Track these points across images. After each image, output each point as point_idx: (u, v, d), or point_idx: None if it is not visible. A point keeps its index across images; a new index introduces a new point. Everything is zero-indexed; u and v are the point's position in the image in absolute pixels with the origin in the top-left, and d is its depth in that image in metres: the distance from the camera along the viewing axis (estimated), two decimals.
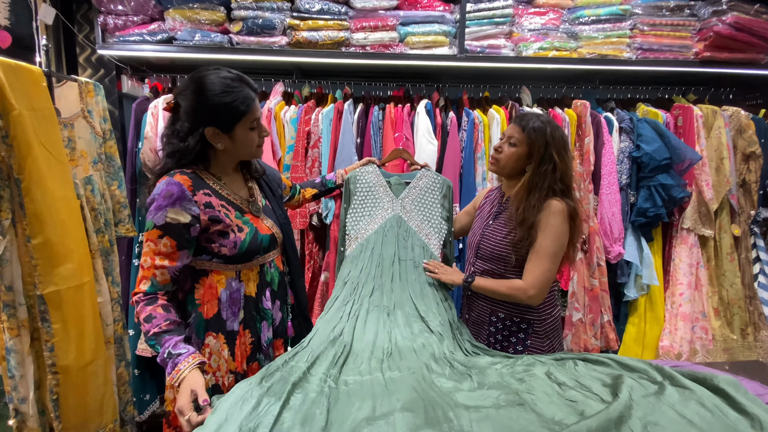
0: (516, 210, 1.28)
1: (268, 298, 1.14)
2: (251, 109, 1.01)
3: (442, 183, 1.56)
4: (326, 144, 1.90)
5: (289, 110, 1.95)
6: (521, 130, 1.27)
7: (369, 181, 1.57)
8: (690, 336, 2.05)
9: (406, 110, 1.95)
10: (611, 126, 2.04)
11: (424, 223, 1.53)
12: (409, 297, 1.35)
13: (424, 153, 1.89)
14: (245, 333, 1.10)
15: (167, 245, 0.98)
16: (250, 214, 1.10)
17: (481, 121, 1.95)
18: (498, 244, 1.34)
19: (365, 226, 1.53)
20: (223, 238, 1.03)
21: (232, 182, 1.11)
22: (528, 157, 1.27)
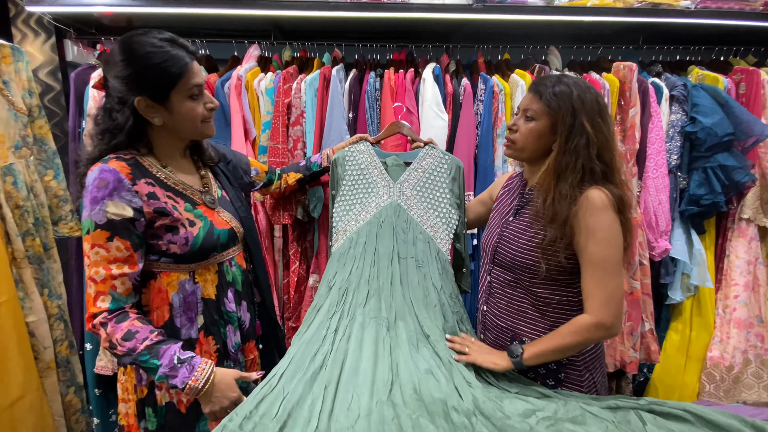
0: (543, 203, 0.99)
1: (231, 300, 1.02)
2: (187, 72, 0.87)
3: (451, 163, 1.27)
4: (311, 120, 1.55)
5: (264, 78, 1.58)
6: (538, 98, 0.98)
7: (361, 162, 1.27)
8: (744, 345, 1.74)
9: (409, 77, 1.58)
10: (660, 94, 1.67)
11: (429, 212, 1.24)
12: (411, 306, 1.05)
13: (432, 129, 1.53)
14: (207, 340, 0.98)
15: (121, 248, 0.86)
16: (203, 206, 0.98)
17: (501, 89, 1.58)
18: (521, 248, 1.02)
19: (356, 216, 1.23)
20: (172, 233, 0.92)
21: (180, 170, 0.99)
22: (552, 131, 0.98)
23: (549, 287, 1.03)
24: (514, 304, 1.08)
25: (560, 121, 0.96)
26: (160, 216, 0.90)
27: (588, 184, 0.96)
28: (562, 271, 1.00)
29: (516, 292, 1.07)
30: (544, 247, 0.98)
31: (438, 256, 1.17)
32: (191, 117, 0.90)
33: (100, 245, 0.85)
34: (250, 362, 1.11)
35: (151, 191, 0.89)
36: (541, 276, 1.01)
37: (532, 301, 1.05)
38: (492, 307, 1.13)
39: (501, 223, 1.12)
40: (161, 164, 0.95)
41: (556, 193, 0.96)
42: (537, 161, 1.04)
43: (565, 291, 1.03)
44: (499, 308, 1.11)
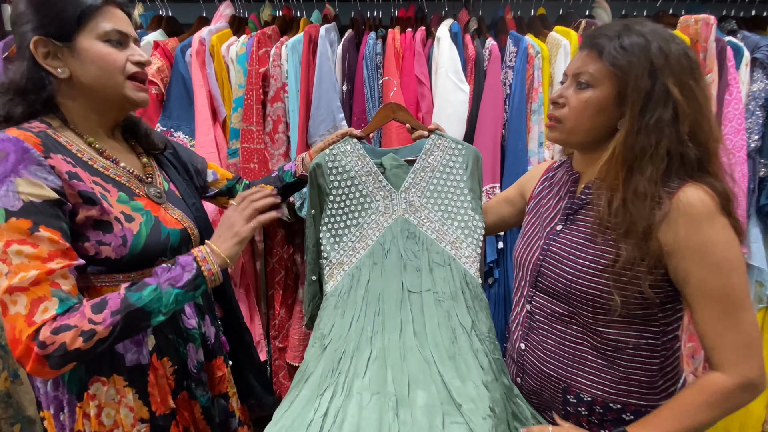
0: (608, 207, 0.69)
1: (190, 315, 0.82)
2: (98, 10, 0.67)
3: (466, 154, 0.96)
4: (294, 95, 1.22)
5: (236, 43, 1.25)
6: (597, 55, 0.69)
7: (349, 167, 0.95)
8: None
9: (419, 37, 1.24)
10: (739, 57, 1.30)
11: (447, 224, 0.94)
12: (433, 363, 0.75)
13: (449, 104, 1.20)
14: (161, 363, 0.78)
15: (53, 239, 0.62)
16: (144, 199, 0.76)
17: (538, 51, 1.23)
18: (581, 273, 0.73)
19: (353, 245, 0.93)
20: (103, 231, 0.68)
21: (113, 149, 0.76)
22: (619, 102, 0.68)
23: (622, 326, 0.72)
24: (568, 347, 0.77)
25: (632, 85, 0.66)
26: (85, 204, 0.66)
27: (677, 179, 0.67)
28: (643, 304, 0.70)
29: (571, 330, 0.76)
30: (618, 272, 0.68)
31: (465, 281, 0.87)
32: (107, 65, 0.68)
33: (20, 241, 0.61)
34: (218, 380, 0.90)
35: (72, 171, 0.66)
36: (610, 312, 0.70)
37: (596, 344, 0.74)
38: (534, 346, 0.82)
39: (545, 233, 0.81)
40: (85, 140, 0.72)
41: (628, 193, 0.67)
42: (595, 147, 0.73)
43: (644, 331, 0.72)
44: (544, 349, 0.80)
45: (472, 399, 0.69)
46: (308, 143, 1.25)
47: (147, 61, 0.72)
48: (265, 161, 1.22)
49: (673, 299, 0.71)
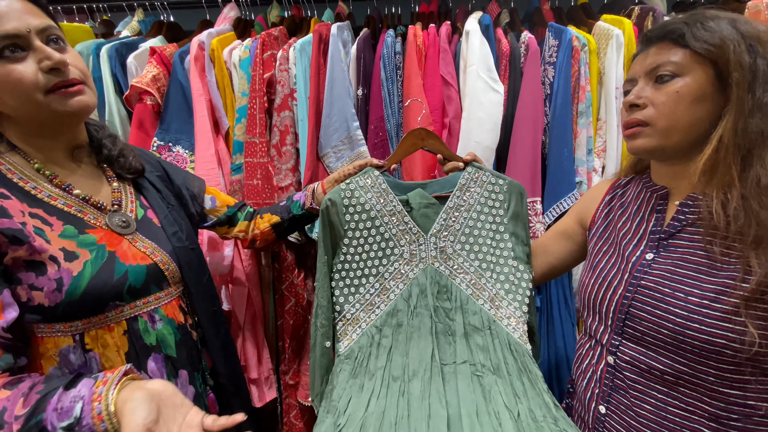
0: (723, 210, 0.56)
1: (156, 372, 0.68)
2: None
3: (509, 190, 0.81)
4: (303, 102, 1.08)
5: (239, 47, 1.12)
6: (674, 44, 0.60)
7: (368, 205, 0.80)
8: None
9: (444, 32, 1.08)
10: None
11: (486, 276, 0.79)
12: None
13: (481, 108, 1.03)
14: None
15: None
16: (102, 230, 0.64)
17: (584, 45, 1.05)
18: (698, 312, 0.57)
19: (372, 298, 0.79)
20: (36, 273, 0.57)
21: (70, 177, 0.66)
22: (720, 86, 0.57)
23: (755, 386, 0.55)
24: (675, 414, 0.60)
25: (733, 62, 0.55)
26: (11, 244, 0.56)
27: None
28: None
29: (679, 393, 0.59)
30: (753, 298, 0.53)
31: (509, 349, 0.71)
32: (14, 90, 0.55)
33: None
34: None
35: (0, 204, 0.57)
36: (740, 359, 0.54)
37: (716, 410, 0.57)
38: (621, 411, 0.65)
39: (629, 264, 0.65)
40: (34, 166, 0.63)
41: (748, 187, 0.55)
42: (691, 151, 0.60)
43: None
44: (637, 416, 0.63)
45: None
46: (319, 156, 1.10)
47: (61, 62, 0.57)
48: (269, 177, 1.08)
49: None
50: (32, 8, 0.56)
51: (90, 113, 0.63)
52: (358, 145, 1.08)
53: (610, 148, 1.08)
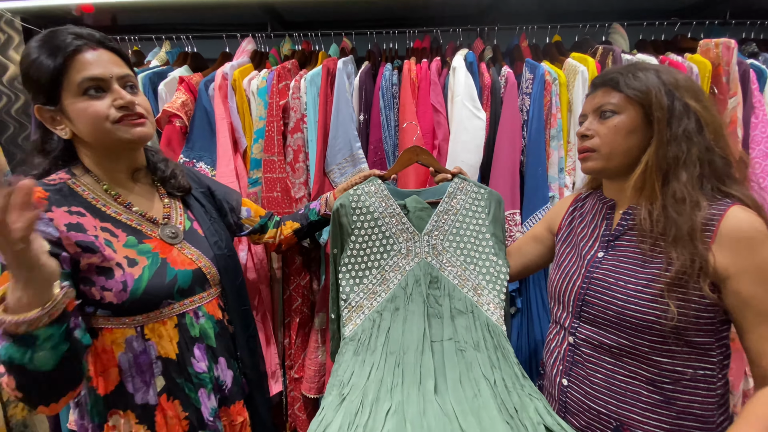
0: (649, 217, 0.72)
1: (201, 358, 0.81)
2: (69, 64, 0.68)
3: (489, 198, 0.98)
4: (312, 125, 1.24)
5: (256, 77, 1.29)
6: (612, 88, 0.76)
7: (372, 208, 0.96)
8: None
9: (435, 67, 1.25)
10: (763, 80, 1.28)
11: (470, 270, 0.94)
12: (455, 418, 0.72)
13: (466, 132, 1.20)
14: (172, 405, 0.79)
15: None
16: (156, 241, 0.79)
17: (555, 78, 1.23)
18: (633, 296, 0.72)
19: (374, 287, 0.93)
20: (106, 277, 0.71)
21: (128, 191, 0.80)
22: (646, 123, 0.74)
23: (679, 355, 0.70)
24: (620, 381, 0.75)
25: (654, 103, 0.71)
26: (84, 252, 0.70)
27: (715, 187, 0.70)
28: (699, 328, 0.69)
29: (623, 363, 0.74)
30: (672, 285, 0.68)
31: (488, 330, 0.85)
32: (91, 119, 0.70)
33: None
34: (239, 427, 0.88)
35: (75, 221, 0.71)
36: (667, 332, 0.69)
37: (651, 376, 0.72)
38: (579, 382, 0.79)
39: (585, 261, 0.80)
40: (103, 187, 0.77)
41: (667, 199, 0.70)
42: (629, 171, 0.75)
43: (701, 361, 0.70)
44: (592, 384, 0.77)
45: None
46: (325, 172, 1.26)
47: (130, 102, 0.71)
48: (287, 189, 1.23)
49: (724, 324, 0.70)
50: (117, 60, 0.72)
51: (147, 141, 0.78)
52: (360, 162, 1.24)
53: (578, 167, 1.24)
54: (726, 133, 0.73)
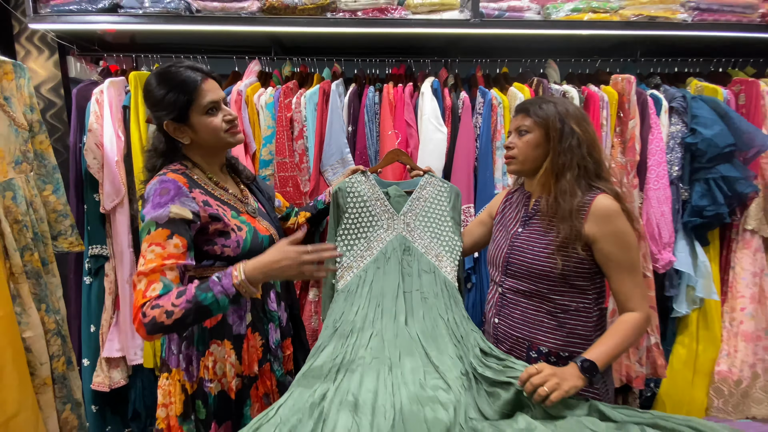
0: (546, 203, 1.05)
1: (273, 300, 1.10)
2: (197, 92, 0.96)
3: (450, 190, 1.28)
4: (311, 133, 1.55)
5: (264, 93, 1.59)
6: (526, 114, 1.09)
7: (362, 193, 1.27)
8: (752, 359, 1.71)
9: (408, 91, 1.59)
10: (659, 106, 1.67)
11: (433, 242, 1.24)
12: (417, 341, 1.03)
13: (431, 143, 1.53)
14: (254, 336, 1.05)
15: (178, 245, 0.90)
16: (246, 215, 1.06)
17: (500, 102, 1.58)
18: (537, 255, 1.05)
19: (361, 252, 1.23)
20: (225, 238, 0.98)
21: (224, 181, 1.08)
22: (546, 139, 1.06)
23: (567, 294, 1.04)
24: (530, 314, 1.08)
25: (551, 127, 1.04)
26: (213, 221, 0.96)
27: (588, 182, 1.03)
28: (578, 274, 1.03)
29: (532, 302, 1.07)
30: (560, 246, 1.01)
31: (445, 286, 1.16)
32: (212, 130, 0.98)
33: (158, 243, 0.89)
34: (287, 358, 1.16)
35: (205, 199, 0.97)
36: (556, 281, 1.02)
37: (549, 309, 1.05)
38: (505, 318, 1.12)
39: (509, 235, 1.13)
40: (208, 176, 1.04)
41: (557, 190, 1.03)
42: (536, 172, 1.08)
43: (581, 297, 1.05)
44: (513, 319, 1.10)
45: (447, 365, 0.97)
46: (321, 171, 1.57)
47: (234, 117, 1.01)
48: (298, 185, 1.55)
49: (597, 274, 1.04)
50: (217, 85, 1.00)
51: (242, 140, 1.07)
52: (348, 164, 1.55)
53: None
54: (599, 146, 1.07)
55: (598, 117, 1.61)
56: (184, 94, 0.94)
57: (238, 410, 1.05)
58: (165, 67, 0.97)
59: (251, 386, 1.06)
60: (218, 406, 1.02)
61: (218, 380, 1.02)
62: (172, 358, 1.02)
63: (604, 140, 1.63)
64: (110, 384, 1.65)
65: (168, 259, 0.88)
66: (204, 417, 1.02)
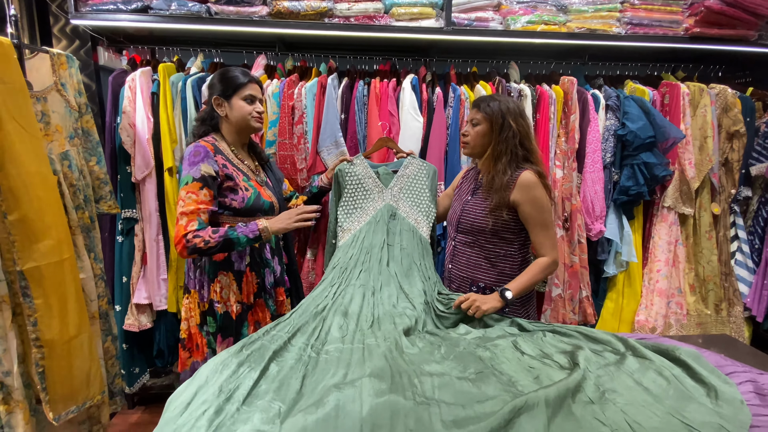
0: (486, 179, 1.37)
1: (268, 251, 1.42)
2: (246, 84, 1.32)
3: (428, 168, 1.61)
4: (310, 120, 1.87)
5: (271, 84, 1.90)
6: (478, 110, 1.38)
7: (358, 173, 1.59)
8: (665, 311, 2.11)
9: (391, 85, 1.92)
10: (598, 103, 2.03)
11: (413, 209, 1.57)
12: (395, 276, 1.39)
13: (409, 130, 1.87)
14: (251, 274, 1.37)
15: (207, 195, 1.25)
16: (254, 182, 1.38)
17: (467, 98, 1.92)
18: (477, 216, 1.39)
19: (358, 218, 1.56)
20: (233, 193, 1.30)
21: (243, 155, 1.41)
22: (491, 131, 1.36)
23: (497, 244, 1.41)
24: (472, 259, 1.44)
25: (495, 121, 1.35)
26: (227, 179, 1.30)
27: (517, 164, 1.36)
28: (506, 230, 1.39)
29: (473, 250, 1.44)
30: (492, 210, 1.36)
31: (420, 241, 1.52)
32: (243, 112, 1.33)
33: (194, 192, 1.23)
34: (280, 303, 1.48)
35: (224, 163, 1.31)
36: (489, 234, 1.38)
37: (486, 255, 1.42)
38: (455, 264, 1.49)
39: (462, 202, 1.48)
40: (231, 149, 1.37)
41: (495, 171, 1.36)
42: (483, 155, 1.42)
43: (508, 246, 1.42)
44: (460, 264, 1.47)
45: (414, 295, 1.33)
46: (317, 151, 1.90)
47: (261, 112, 1.36)
48: (294, 163, 1.87)
49: (521, 230, 1.40)
50: (259, 89, 1.35)
51: (261, 130, 1.40)
52: (341, 146, 1.88)
53: None
54: (531, 137, 1.39)
55: (547, 111, 1.96)
56: (237, 80, 1.31)
57: (238, 329, 1.36)
58: (229, 67, 1.35)
59: (248, 312, 1.38)
60: (223, 323, 1.34)
61: (223, 303, 1.34)
62: (190, 282, 1.37)
63: (551, 130, 1.99)
64: (139, 326, 1.98)
65: (201, 204, 1.23)
66: (213, 330, 1.35)
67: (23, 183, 1.30)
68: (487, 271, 1.41)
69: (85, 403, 1.51)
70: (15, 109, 1.31)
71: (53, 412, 1.39)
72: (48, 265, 1.37)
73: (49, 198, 1.40)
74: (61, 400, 1.42)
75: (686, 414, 0.79)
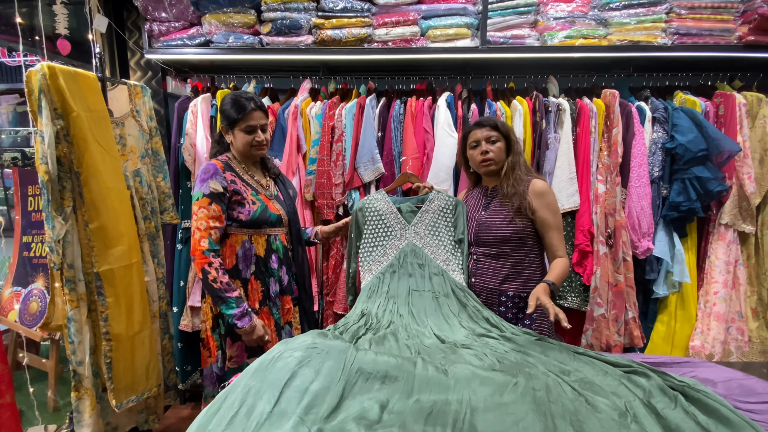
0: (506, 187, 1.44)
1: (274, 261, 1.47)
2: (243, 116, 1.40)
3: (455, 203, 1.53)
4: (349, 138, 1.98)
5: (314, 106, 2.05)
6: (492, 128, 1.47)
7: (379, 209, 1.56)
8: (724, 336, 1.95)
9: (427, 103, 1.99)
10: (643, 116, 1.96)
11: (440, 249, 1.51)
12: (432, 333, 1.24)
13: (444, 145, 1.92)
14: (256, 282, 1.44)
15: (216, 210, 1.36)
16: (263, 196, 1.47)
17: (503, 113, 1.94)
18: (500, 225, 1.44)
19: (378, 258, 1.52)
20: (240, 206, 1.41)
21: (253, 172, 1.51)
22: (506, 145, 1.48)
23: (522, 251, 1.44)
24: (497, 269, 1.46)
25: (510, 137, 1.48)
26: (235, 194, 1.40)
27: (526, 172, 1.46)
28: (528, 235, 1.43)
29: (498, 261, 1.46)
30: (513, 217, 1.41)
31: (455, 285, 1.41)
32: (243, 142, 1.43)
33: (204, 207, 1.35)
34: (286, 311, 1.52)
35: (233, 179, 1.42)
36: (511, 242, 1.42)
37: (512, 263, 1.44)
38: (480, 278, 1.50)
39: (473, 218, 1.52)
40: (242, 166, 1.48)
41: (514, 178, 1.44)
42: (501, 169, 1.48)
43: (532, 253, 1.45)
44: (486, 277, 1.48)
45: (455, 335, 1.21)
46: (355, 167, 2.00)
47: (263, 140, 1.42)
48: (330, 177, 1.99)
49: (539, 236, 1.43)
50: (262, 115, 1.43)
51: (263, 156, 1.51)
52: (377, 162, 1.97)
53: None
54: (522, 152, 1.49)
55: (587, 125, 1.93)
56: (236, 113, 1.39)
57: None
58: (236, 93, 1.43)
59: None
60: (231, 327, 1.38)
61: None
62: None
63: (593, 144, 1.94)
64: (192, 327, 2.16)
65: (211, 219, 1.34)
66: (223, 332, 1.43)
67: (102, 196, 1.51)
68: (514, 279, 1.43)
69: (143, 394, 1.67)
70: (99, 134, 1.53)
71: (116, 400, 1.56)
72: (119, 268, 1.56)
73: (123, 209, 1.61)
74: (123, 389, 1.59)
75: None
